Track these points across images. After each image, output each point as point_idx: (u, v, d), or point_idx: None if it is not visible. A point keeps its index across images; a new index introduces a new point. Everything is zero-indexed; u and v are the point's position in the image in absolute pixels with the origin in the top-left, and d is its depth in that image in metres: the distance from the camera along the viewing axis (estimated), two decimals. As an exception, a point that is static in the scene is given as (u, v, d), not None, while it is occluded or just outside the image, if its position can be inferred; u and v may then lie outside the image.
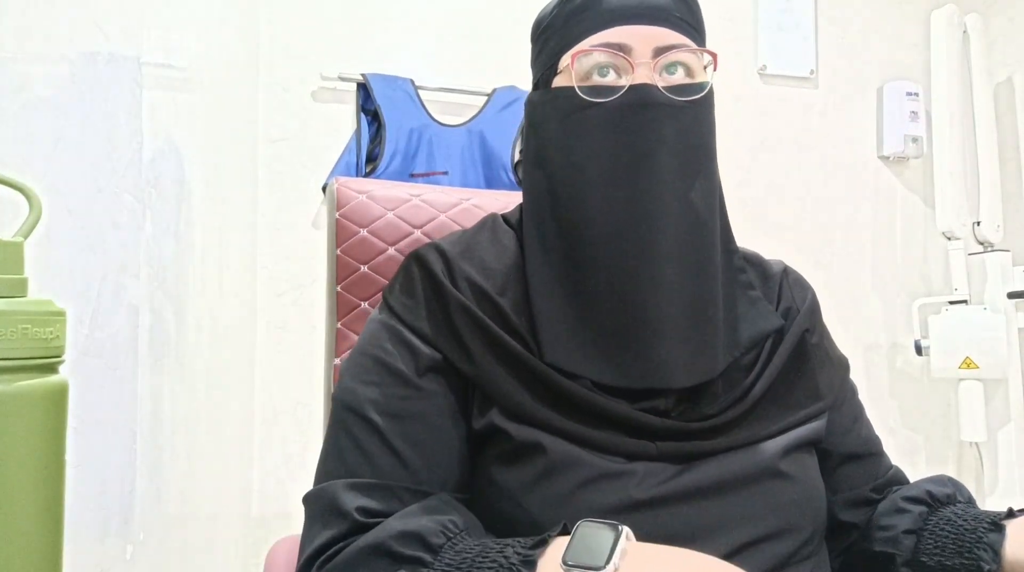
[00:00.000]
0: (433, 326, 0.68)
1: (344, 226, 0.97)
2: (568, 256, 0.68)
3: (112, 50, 0.79)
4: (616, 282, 0.66)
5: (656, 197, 0.66)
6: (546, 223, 0.71)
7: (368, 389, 0.67)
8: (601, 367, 0.65)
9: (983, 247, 2.16)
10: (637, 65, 0.67)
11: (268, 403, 1.89)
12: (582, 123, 0.68)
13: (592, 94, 0.67)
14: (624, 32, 0.67)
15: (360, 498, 0.62)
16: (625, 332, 0.65)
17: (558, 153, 0.70)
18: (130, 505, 0.83)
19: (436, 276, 0.70)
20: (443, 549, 0.56)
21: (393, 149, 1.91)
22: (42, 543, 0.41)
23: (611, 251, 0.66)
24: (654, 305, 0.65)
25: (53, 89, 0.66)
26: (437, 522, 0.58)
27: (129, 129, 0.83)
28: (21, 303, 0.41)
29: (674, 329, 0.65)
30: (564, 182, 0.69)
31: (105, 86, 0.77)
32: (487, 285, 0.70)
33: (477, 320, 0.67)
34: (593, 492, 0.62)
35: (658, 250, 0.66)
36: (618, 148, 0.67)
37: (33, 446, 0.41)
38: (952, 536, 0.66)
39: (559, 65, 0.71)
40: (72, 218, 0.68)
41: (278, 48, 1.96)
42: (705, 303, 0.67)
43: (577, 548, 0.51)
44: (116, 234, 0.79)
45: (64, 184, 0.67)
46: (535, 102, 0.74)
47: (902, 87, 2.32)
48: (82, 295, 0.70)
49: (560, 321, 0.67)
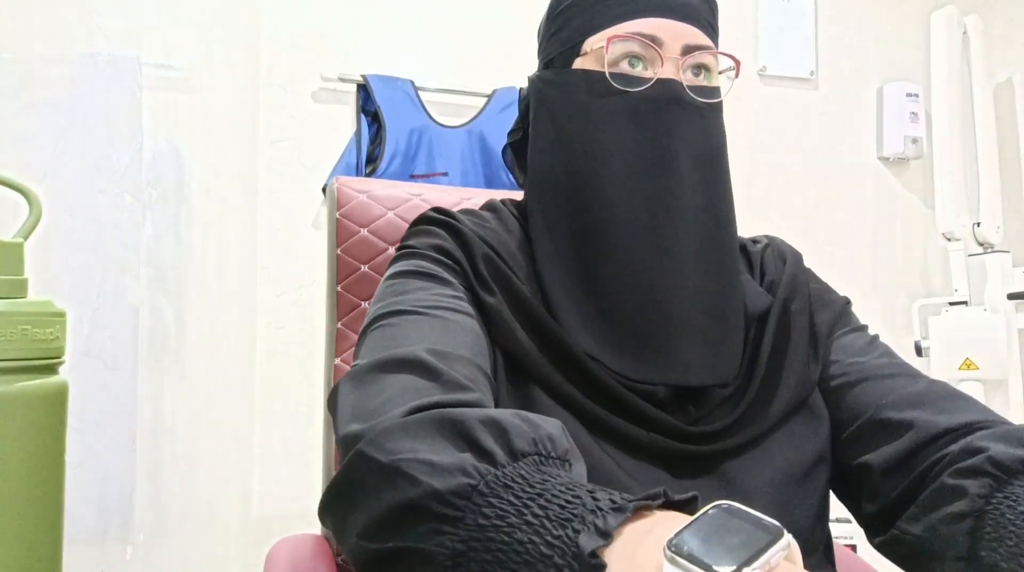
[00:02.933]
0: (462, 257, 0.66)
1: (344, 226, 0.97)
2: (584, 244, 0.67)
3: (112, 50, 0.79)
4: (638, 277, 0.64)
5: (680, 195, 0.66)
6: (559, 208, 0.69)
7: (411, 295, 0.62)
8: (619, 359, 0.64)
9: (983, 248, 2.16)
10: (666, 59, 0.66)
11: (268, 403, 1.88)
12: (608, 110, 0.67)
13: (622, 82, 0.66)
14: (657, 24, 0.66)
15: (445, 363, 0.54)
16: (646, 327, 0.64)
17: (579, 138, 0.68)
18: (130, 506, 0.83)
19: (454, 222, 0.69)
20: (526, 458, 0.44)
21: (393, 150, 1.91)
22: (42, 543, 0.41)
23: (634, 245, 0.65)
24: (677, 303, 0.64)
25: (53, 89, 0.66)
26: (533, 428, 0.46)
27: (129, 129, 0.83)
28: (21, 304, 0.41)
29: (695, 328, 0.64)
30: (585, 169, 0.67)
31: (105, 86, 0.77)
32: (499, 259, 0.68)
33: (503, 274, 0.65)
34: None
35: (681, 248, 0.65)
36: (644, 141, 0.66)
37: (33, 446, 0.41)
38: (1016, 529, 0.50)
39: (583, 46, 0.69)
40: (72, 218, 0.68)
41: (278, 48, 1.96)
42: (725, 303, 0.67)
43: (701, 533, 0.35)
44: (116, 234, 0.79)
45: (64, 184, 0.67)
46: (548, 81, 0.72)
47: (902, 87, 2.32)
48: (82, 295, 0.70)
49: (573, 308, 0.66)
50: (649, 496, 0.39)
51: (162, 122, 0.97)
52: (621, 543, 0.37)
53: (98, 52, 0.75)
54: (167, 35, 1.02)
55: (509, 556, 0.39)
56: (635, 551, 0.36)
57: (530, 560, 0.38)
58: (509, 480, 0.41)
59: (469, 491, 0.41)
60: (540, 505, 0.39)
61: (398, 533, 0.43)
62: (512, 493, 0.40)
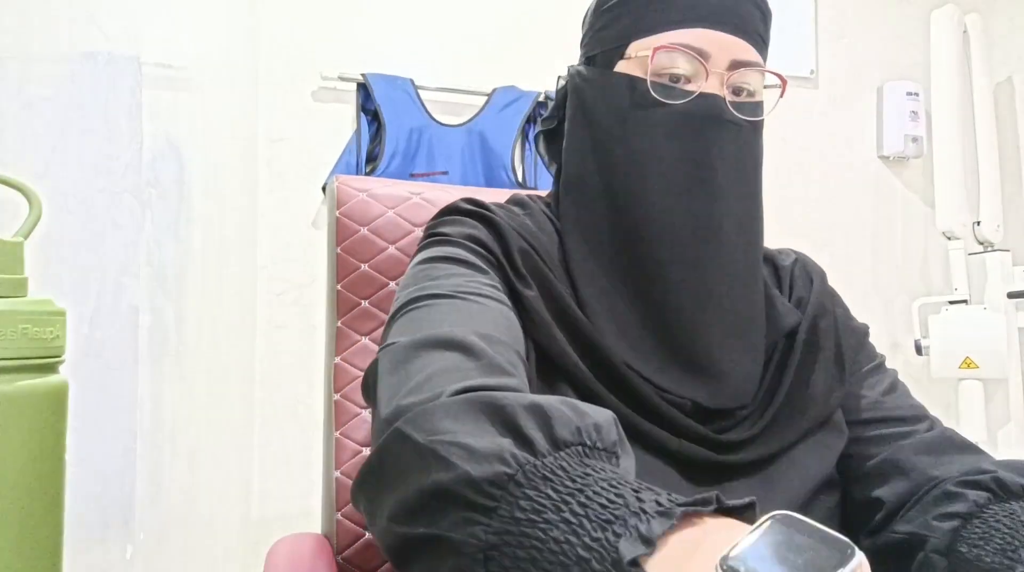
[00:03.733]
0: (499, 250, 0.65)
1: (344, 224, 0.97)
2: (620, 253, 0.66)
3: (112, 50, 0.79)
4: (674, 292, 0.64)
5: (717, 213, 0.65)
6: (594, 213, 0.68)
7: (447, 280, 0.60)
8: (650, 368, 0.63)
9: (983, 247, 2.16)
10: (711, 73, 0.65)
11: (268, 403, 1.88)
12: (648, 121, 0.66)
13: (663, 93, 0.65)
14: (706, 36, 0.65)
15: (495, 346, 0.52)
16: (679, 342, 0.64)
17: (618, 146, 0.67)
18: (130, 505, 0.83)
19: (494, 220, 0.67)
20: (569, 448, 0.41)
21: (393, 149, 1.91)
22: (42, 543, 0.41)
23: (670, 260, 0.64)
24: (710, 320, 0.64)
25: (53, 89, 0.66)
26: (579, 415, 0.44)
27: (129, 129, 0.83)
28: (21, 303, 0.41)
29: (725, 347, 0.64)
30: (622, 178, 0.66)
31: (105, 86, 0.77)
32: (535, 254, 0.66)
33: (539, 270, 0.64)
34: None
35: (715, 265, 0.65)
36: (682, 156, 0.65)
37: (33, 446, 0.41)
38: (1007, 530, 0.54)
39: (628, 50, 0.67)
40: (72, 218, 0.68)
41: (278, 48, 1.95)
42: (752, 324, 0.67)
43: (761, 550, 0.31)
44: (116, 234, 0.79)
45: (64, 184, 0.67)
46: (589, 79, 0.70)
47: (902, 87, 2.32)
48: (82, 295, 0.70)
49: (607, 313, 0.65)
50: (701, 500, 0.36)
51: (162, 122, 0.97)
52: (666, 553, 0.34)
53: (98, 51, 0.75)
54: (167, 35, 1.02)
55: (544, 555, 0.36)
56: (682, 564, 0.33)
57: (566, 562, 0.35)
58: (549, 471, 0.39)
59: (505, 480, 0.39)
60: (580, 502, 0.37)
61: (429, 519, 0.40)
62: (551, 486, 0.38)
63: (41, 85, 0.64)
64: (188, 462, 1.13)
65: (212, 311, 1.33)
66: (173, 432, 1.03)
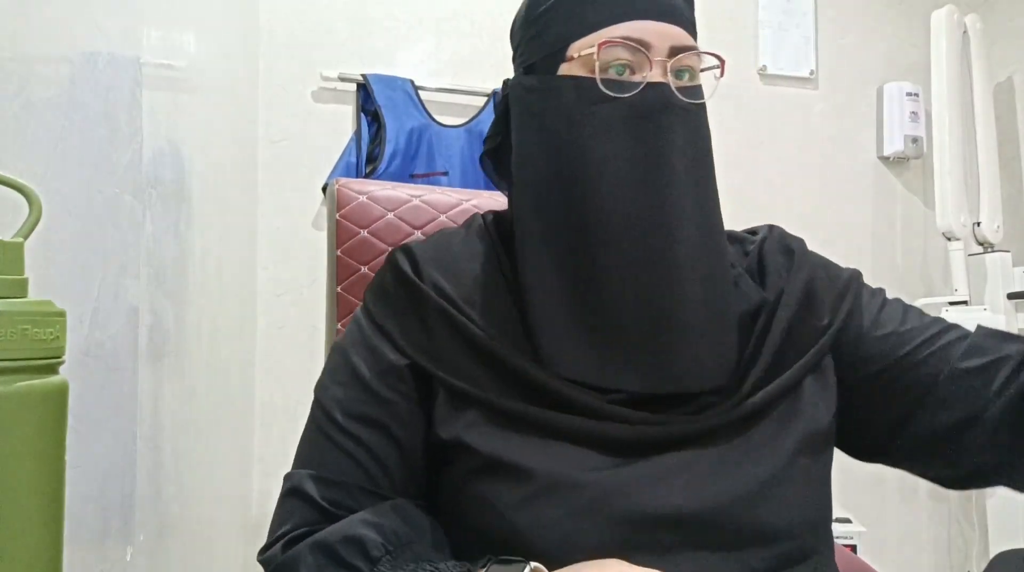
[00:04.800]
0: (403, 329, 0.68)
1: (344, 227, 0.97)
2: (579, 253, 0.66)
3: (112, 50, 0.79)
4: (638, 287, 0.64)
5: (676, 200, 0.65)
6: (551, 218, 0.68)
7: (335, 388, 0.69)
8: (617, 375, 0.64)
9: (983, 248, 2.16)
10: (654, 63, 0.66)
11: (268, 403, 1.88)
12: (600, 117, 0.66)
13: (613, 88, 0.66)
14: (643, 28, 0.66)
15: (322, 489, 0.65)
16: (649, 338, 0.64)
17: (571, 146, 0.67)
18: (130, 506, 0.83)
19: (408, 277, 0.69)
20: (380, 562, 0.58)
21: (393, 149, 1.91)
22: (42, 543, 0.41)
23: (633, 253, 0.65)
24: (679, 310, 0.64)
25: (53, 89, 0.66)
26: (381, 532, 0.60)
27: (129, 129, 0.83)
28: (21, 304, 0.41)
29: (697, 332, 0.65)
30: (578, 178, 0.66)
31: (105, 86, 0.77)
32: (455, 293, 0.69)
33: (456, 323, 0.67)
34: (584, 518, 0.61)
35: (678, 253, 0.65)
36: (637, 147, 0.65)
37: (33, 446, 0.41)
38: None
39: (568, 52, 0.68)
40: (72, 218, 0.68)
41: (278, 48, 1.96)
42: (720, 303, 0.67)
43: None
44: (116, 234, 0.79)
45: (64, 184, 0.67)
46: (531, 88, 0.70)
47: (902, 87, 2.32)
48: (82, 295, 0.70)
49: (566, 326, 0.66)
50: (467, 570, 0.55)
51: (162, 122, 0.97)
52: None
53: (98, 52, 0.75)
54: (167, 35, 1.02)
55: None
56: None
57: None
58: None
59: None
60: None
61: None
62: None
63: (41, 86, 0.63)
64: (188, 462, 1.13)
65: (212, 311, 1.33)
66: (173, 432, 1.03)
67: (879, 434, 0.72)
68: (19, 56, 0.59)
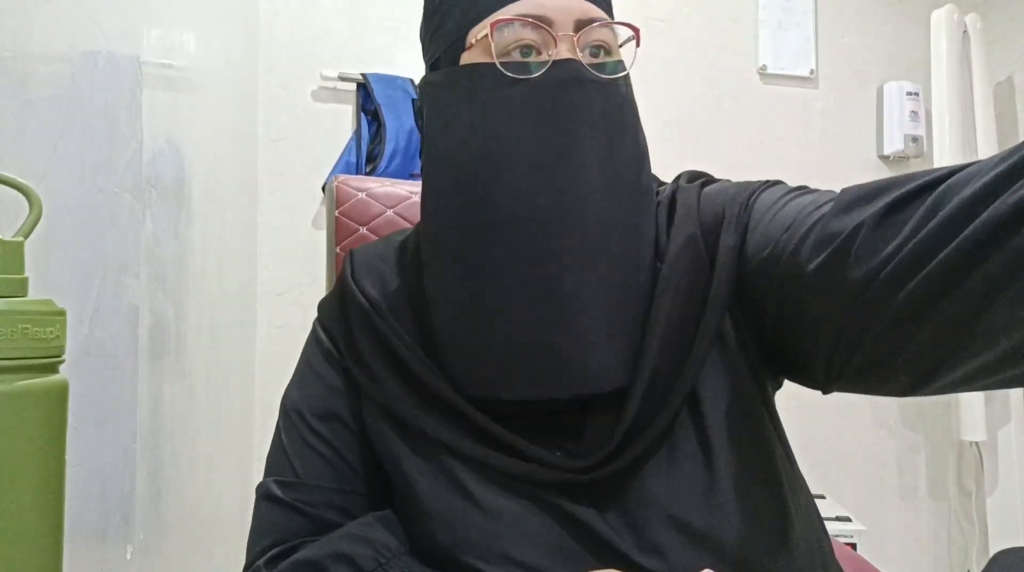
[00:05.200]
0: (335, 331, 0.70)
1: (344, 224, 0.97)
2: (478, 250, 0.60)
3: (112, 50, 0.79)
4: (540, 286, 0.59)
5: (583, 186, 0.59)
6: (452, 220, 0.62)
7: (294, 391, 0.70)
8: (517, 382, 0.59)
9: (983, 247, 2.15)
10: (560, 39, 0.60)
11: (268, 403, 1.88)
12: (504, 102, 0.60)
13: (515, 70, 0.60)
14: (542, 4, 0.60)
15: (288, 492, 0.65)
16: (551, 339, 0.58)
17: (474, 138, 0.61)
18: (130, 505, 0.83)
19: (346, 281, 0.70)
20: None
21: (393, 149, 1.92)
22: (42, 543, 0.41)
23: (530, 248, 0.59)
24: (573, 307, 0.58)
25: (53, 89, 0.66)
26: (371, 545, 0.60)
27: (129, 129, 0.83)
28: (21, 303, 0.41)
29: (601, 331, 0.58)
30: (480, 171, 0.60)
31: (105, 86, 0.77)
32: (381, 301, 0.67)
33: (377, 331, 0.66)
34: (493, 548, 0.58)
35: (578, 246, 0.59)
36: (545, 130, 0.59)
37: (33, 446, 0.41)
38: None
39: (467, 39, 0.62)
40: (72, 218, 0.68)
41: (278, 48, 1.96)
42: (631, 298, 0.60)
43: None
44: (116, 234, 0.79)
45: (64, 184, 0.67)
46: (436, 83, 0.65)
47: (902, 87, 2.32)
48: (82, 295, 0.70)
49: (460, 326, 0.61)
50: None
51: (162, 122, 0.97)
52: None
53: (98, 51, 0.75)
54: (167, 34, 1.02)
55: None
56: None
57: None
58: None
59: None
60: None
61: None
62: None
63: (41, 84, 0.63)
64: (188, 462, 1.13)
65: (212, 311, 1.33)
66: (173, 432, 1.03)
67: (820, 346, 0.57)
68: (19, 55, 0.59)
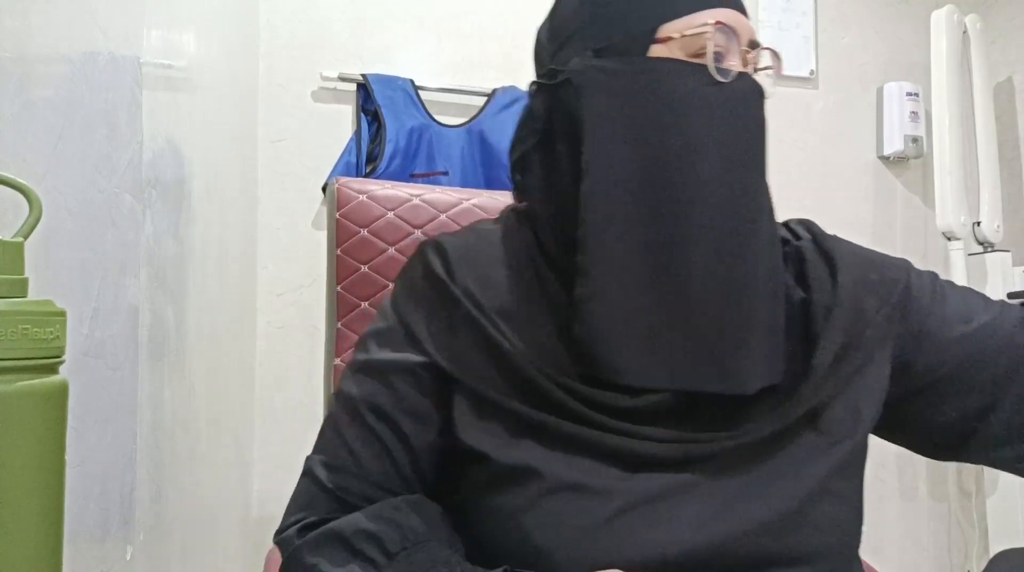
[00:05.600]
0: (429, 328, 0.67)
1: (344, 226, 0.97)
2: (666, 247, 0.62)
3: (112, 50, 0.79)
4: (716, 281, 0.62)
5: (758, 192, 0.65)
6: (633, 210, 0.63)
7: (354, 378, 0.69)
8: (688, 376, 0.61)
9: (983, 247, 2.16)
10: (741, 52, 0.65)
11: (268, 403, 1.88)
12: (704, 102, 0.63)
13: (720, 74, 0.63)
14: (732, 16, 0.64)
15: (331, 475, 0.66)
16: (719, 335, 0.61)
17: (671, 133, 0.63)
18: (130, 505, 0.83)
19: (439, 278, 0.67)
20: (397, 557, 0.59)
21: (393, 149, 1.91)
22: (42, 543, 0.41)
23: (722, 247, 0.62)
24: (756, 307, 0.62)
25: (53, 89, 0.66)
26: (398, 528, 0.60)
27: (129, 129, 0.83)
28: (21, 303, 0.41)
29: (760, 332, 0.62)
30: (676, 165, 0.62)
31: (105, 86, 0.77)
32: (485, 299, 0.66)
33: (485, 334, 0.65)
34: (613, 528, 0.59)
35: (758, 249, 0.63)
36: (738, 135, 0.64)
37: (33, 446, 0.41)
38: None
39: (659, 32, 0.64)
40: (72, 218, 0.68)
41: (278, 48, 1.96)
42: (776, 302, 0.65)
43: None
44: (116, 234, 0.79)
45: (64, 184, 0.67)
46: (617, 71, 0.64)
47: (902, 87, 2.32)
48: (82, 295, 0.70)
49: (633, 329, 0.62)
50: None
51: (162, 122, 0.97)
52: None
53: (98, 51, 0.75)
54: (167, 35, 1.02)
55: None
56: None
57: None
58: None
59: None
60: None
61: None
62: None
63: (41, 85, 0.63)
64: (188, 462, 1.13)
65: (212, 311, 1.33)
66: (173, 432, 1.03)
67: (953, 432, 0.69)
68: (19, 56, 0.59)
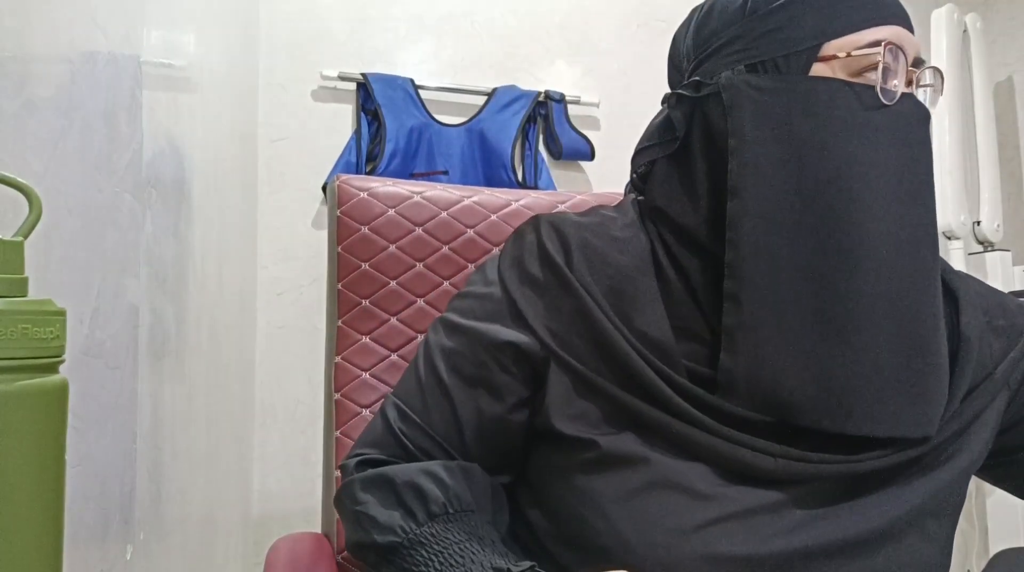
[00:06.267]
0: (535, 308, 0.65)
1: (345, 223, 0.97)
2: (826, 280, 0.58)
3: (112, 50, 0.79)
4: (894, 324, 0.57)
5: (927, 219, 0.60)
6: (786, 238, 0.59)
7: (448, 334, 0.69)
8: (866, 418, 0.57)
9: (983, 247, 2.16)
10: (908, 71, 0.61)
11: (268, 403, 1.88)
12: (869, 125, 0.60)
13: (886, 96, 0.60)
14: (899, 34, 0.61)
15: (401, 421, 0.68)
16: (899, 383, 0.57)
17: (836, 156, 0.59)
18: (130, 505, 0.83)
19: (554, 261, 0.65)
20: (437, 519, 0.59)
21: (393, 148, 1.92)
22: (42, 543, 0.41)
23: (894, 277, 0.58)
24: (932, 342, 0.59)
25: (53, 89, 0.66)
26: (445, 491, 0.61)
27: (129, 129, 0.83)
28: (21, 303, 0.41)
29: (939, 377, 0.59)
30: (842, 190, 0.59)
31: (105, 86, 0.77)
32: (600, 290, 0.64)
33: (597, 327, 0.62)
34: (707, 535, 0.57)
35: (930, 288, 0.59)
36: (902, 161, 0.60)
37: (33, 446, 0.41)
38: None
39: (823, 50, 0.61)
40: (72, 218, 0.68)
41: (278, 48, 1.96)
42: (944, 343, 0.61)
43: None
44: (116, 234, 0.79)
45: (64, 184, 0.67)
46: (775, 89, 0.61)
47: (902, 87, 2.32)
48: (82, 295, 0.70)
49: (797, 358, 0.58)
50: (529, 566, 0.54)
51: (162, 122, 0.97)
52: None
53: (98, 52, 0.75)
54: (167, 34, 1.02)
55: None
56: None
57: None
58: (424, 538, 0.59)
59: (397, 546, 0.60)
60: (440, 562, 0.56)
61: (363, 557, 0.63)
62: (425, 549, 0.58)
63: (41, 85, 0.63)
64: (188, 462, 1.13)
65: (212, 311, 1.33)
66: (173, 432, 1.03)
67: None
68: (19, 55, 0.59)
